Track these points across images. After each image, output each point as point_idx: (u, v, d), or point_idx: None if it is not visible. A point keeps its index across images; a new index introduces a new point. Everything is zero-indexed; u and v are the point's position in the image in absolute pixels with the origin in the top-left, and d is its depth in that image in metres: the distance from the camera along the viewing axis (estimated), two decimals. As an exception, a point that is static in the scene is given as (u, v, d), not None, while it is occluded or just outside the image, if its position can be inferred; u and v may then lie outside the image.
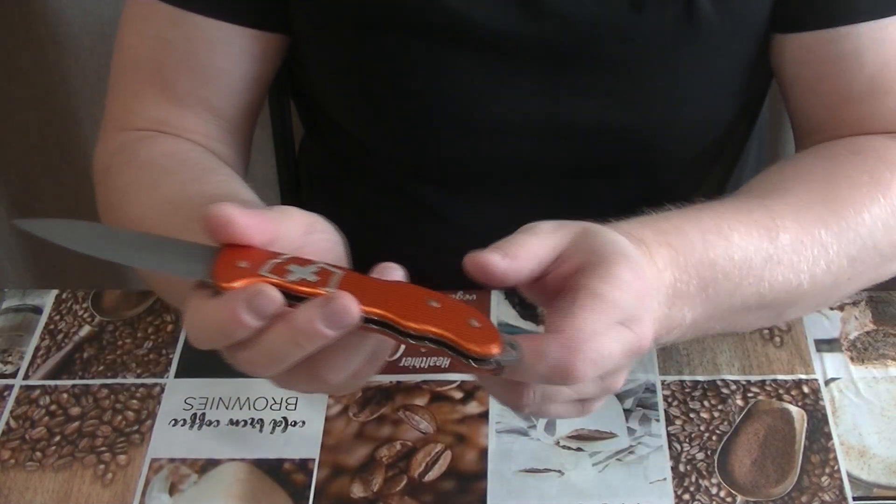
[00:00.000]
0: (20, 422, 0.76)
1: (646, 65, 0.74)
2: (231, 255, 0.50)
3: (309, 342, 0.48)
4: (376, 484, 0.71)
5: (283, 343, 0.48)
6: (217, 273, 0.50)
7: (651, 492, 0.70)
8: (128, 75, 0.79)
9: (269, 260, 0.50)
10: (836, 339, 0.80)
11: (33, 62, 1.38)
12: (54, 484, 0.72)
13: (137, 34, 0.78)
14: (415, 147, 0.82)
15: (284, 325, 0.48)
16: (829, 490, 0.70)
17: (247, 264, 0.50)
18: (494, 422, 0.75)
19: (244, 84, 0.79)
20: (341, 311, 0.47)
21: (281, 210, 0.54)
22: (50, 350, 0.81)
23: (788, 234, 0.63)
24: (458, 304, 0.50)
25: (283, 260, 0.50)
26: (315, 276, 0.50)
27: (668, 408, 0.75)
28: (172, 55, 0.77)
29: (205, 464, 0.73)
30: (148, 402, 0.77)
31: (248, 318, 0.48)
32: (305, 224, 0.54)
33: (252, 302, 0.47)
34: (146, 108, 0.78)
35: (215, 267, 0.50)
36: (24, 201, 1.55)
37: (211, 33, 0.76)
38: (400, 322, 0.49)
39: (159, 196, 0.69)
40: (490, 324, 0.50)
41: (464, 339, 0.49)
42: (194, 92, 0.78)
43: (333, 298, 0.47)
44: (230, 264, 0.50)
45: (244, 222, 0.50)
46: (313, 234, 0.54)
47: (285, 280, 0.49)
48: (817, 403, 0.75)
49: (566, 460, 0.72)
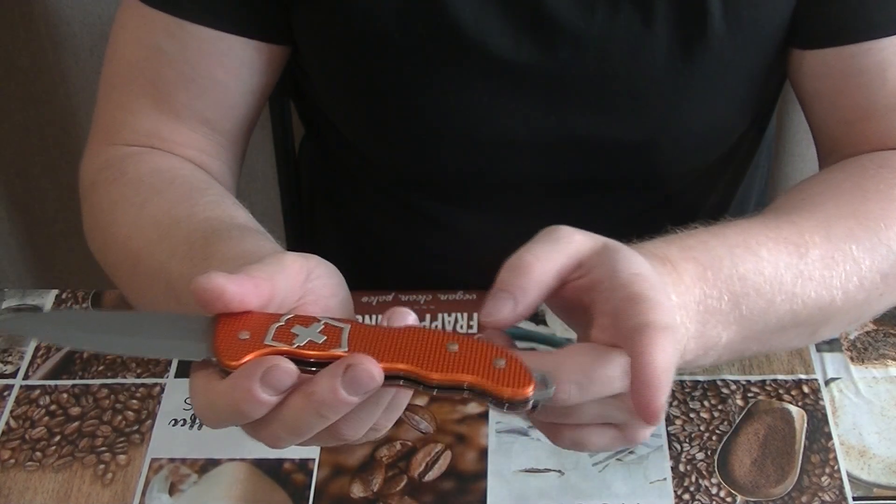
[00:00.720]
0: (20, 422, 0.76)
1: (655, 81, 0.74)
2: (230, 326, 0.48)
3: (333, 412, 0.46)
4: (376, 484, 0.71)
5: (305, 416, 0.46)
6: (220, 350, 0.47)
7: (651, 492, 0.70)
8: (120, 86, 0.76)
9: (270, 325, 0.48)
10: (836, 339, 0.80)
11: (33, 62, 1.38)
12: (54, 484, 0.72)
13: (131, 43, 0.75)
14: (417, 160, 0.80)
15: (304, 398, 0.46)
16: (829, 490, 0.70)
17: (249, 335, 0.48)
18: (494, 422, 0.75)
19: (242, 97, 0.77)
20: (364, 377, 0.45)
21: (275, 262, 0.51)
22: (50, 350, 0.81)
23: (818, 250, 0.61)
24: (478, 344, 0.48)
25: (285, 322, 0.48)
26: (322, 335, 0.48)
27: (668, 408, 0.75)
28: (168, 66, 0.74)
29: (205, 464, 0.73)
30: (148, 402, 0.77)
31: (265, 396, 0.46)
32: (303, 272, 0.52)
33: (267, 378, 0.45)
34: (138, 121, 0.75)
35: (217, 343, 0.48)
36: (24, 201, 1.54)
37: (210, 44, 0.73)
38: (424, 375, 0.47)
39: (146, 216, 0.67)
40: (517, 360, 0.48)
41: (495, 385, 0.47)
42: (190, 104, 0.75)
43: (354, 364, 0.45)
44: (231, 337, 0.48)
45: (236, 290, 0.48)
46: (312, 280, 0.52)
47: (293, 347, 0.47)
48: (817, 403, 0.75)
49: (566, 460, 0.72)
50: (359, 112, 0.79)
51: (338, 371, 0.45)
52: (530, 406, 0.47)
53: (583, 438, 0.52)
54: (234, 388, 0.46)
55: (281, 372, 0.45)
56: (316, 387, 0.46)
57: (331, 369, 0.46)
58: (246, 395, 0.46)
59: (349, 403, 0.46)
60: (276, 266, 0.51)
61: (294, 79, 0.89)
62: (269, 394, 0.46)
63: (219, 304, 0.48)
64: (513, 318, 0.51)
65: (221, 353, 0.47)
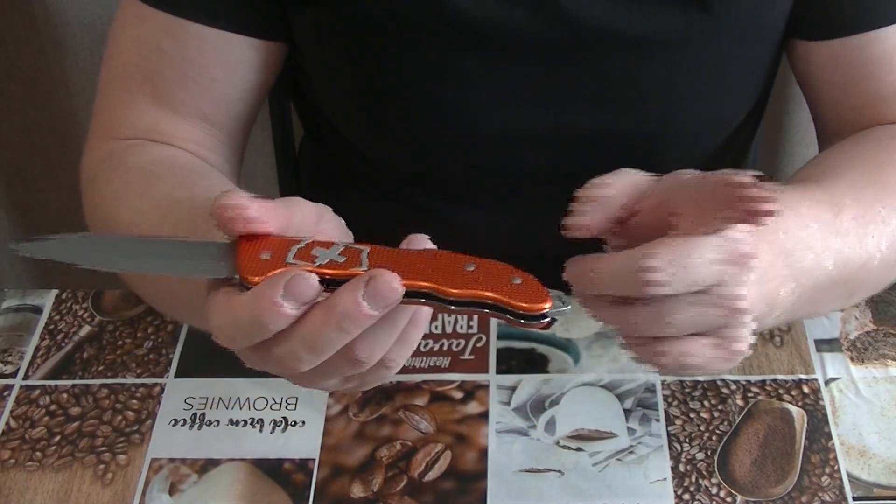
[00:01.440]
0: (20, 422, 0.76)
1: (653, 69, 0.74)
2: (251, 248, 0.48)
3: (354, 325, 0.46)
4: (376, 484, 0.71)
5: (325, 330, 0.46)
6: (242, 268, 0.48)
7: (651, 492, 0.70)
8: (119, 83, 0.77)
9: (291, 247, 0.48)
10: (836, 339, 0.80)
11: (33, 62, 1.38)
12: (54, 484, 0.72)
13: (130, 41, 0.76)
14: (418, 157, 0.81)
15: (325, 311, 0.46)
16: (829, 490, 0.70)
17: (270, 255, 0.48)
18: (494, 422, 0.75)
19: (240, 94, 0.77)
20: (385, 289, 0.46)
21: (289, 200, 0.52)
22: (50, 350, 0.81)
23: (851, 211, 0.62)
24: (495, 264, 0.49)
25: (304, 245, 0.49)
26: (342, 255, 0.48)
27: (668, 408, 0.75)
28: (167, 64, 0.75)
29: (205, 464, 0.73)
30: (148, 402, 0.77)
31: (287, 307, 0.46)
32: (315, 213, 0.53)
33: (290, 289, 0.46)
34: (137, 117, 0.76)
35: (239, 262, 0.48)
36: (24, 201, 1.54)
37: (208, 42, 0.74)
38: (443, 290, 0.47)
39: (149, 201, 0.67)
40: (533, 279, 0.49)
41: (513, 299, 0.48)
42: (188, 101, 0.76)
43: (375, 276, 0.46)
44: (253, 257, 0.48)
45: (257, 211, 0.48)
46: (323, 222, 0.53)
47: (314, 265, 0.48)
48: (817, 403, 0.75)
49: (566, 460, 0.72)
50: (358, 110, 0.79)
51: (360, 283, 0.46)
52: (547, 321, 0.48)
53: (683, 353, 0.51)
54: (256, 299, 0.46)
55: (304, 283, 0.46)
56: (338, 299, 0.46)
57: (353, 282, 0.46)
58: (268, 306, 0.46)
59: (370, 316, 0.46)
60: (291, 201, 0.52)
61: (293, 78, 0.89)
62: (290, 305, 0.46)
63: (240, 223, 0.48)
64: (598, 225, 0.52)
65: (244, 271, 0.47)
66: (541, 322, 0.49)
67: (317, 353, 0.48)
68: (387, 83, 0.75)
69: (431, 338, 0.80)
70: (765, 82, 0.81)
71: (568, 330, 0.81)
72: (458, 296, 0.48)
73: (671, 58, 0.73)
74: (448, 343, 0.80)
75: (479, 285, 0.48)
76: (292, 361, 0.48)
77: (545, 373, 0.78)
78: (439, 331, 0.81)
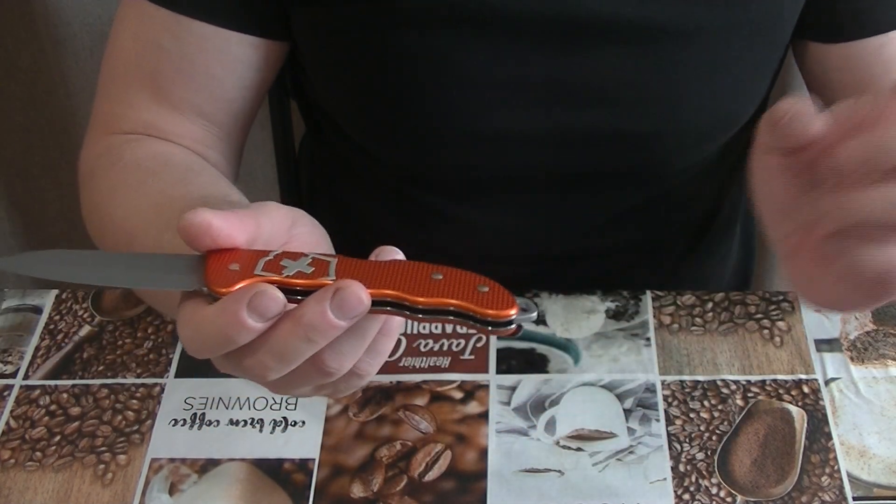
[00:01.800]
0: (20, 422, 0.76)
1: (657, 66, 0.74)
2: (220, 260, 0.49)
3: (321, 336, 0.47)
4: (376, 484, 0.71)
5: (292, 341, 0.47)
6: (210, 279, 0.48)
7: (651, 492, 0.70)
8: (119, 79, 0.77)
9: (260, 259, 0.49)
10: (836, 339, 0.80)
11: (33, 62, 1.38)
12: (54, 484, 0.72)
13: (130, 37, 0.76)
14: (419, 155, 0.81)
15: (292, 322, 0.47)
16: (829, 490, 0.70)
17: (238, 266, 0.49)
18: (494, 422, 0.75)
19: (240, 92, 0.77)
20: (353, 299, 0.46)
21: (259, 206, 0.52)
22: (50, 350, 0.81)
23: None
24: (461, 273, 0.49)
25: (273, 257, 0.49)
26: (310, 266, 0.49)
27: (668, 408, 0.75)
28: (167, 61, 0.75)
29: (205, 464, 0.73)
30: (148, 402, 0.77)
31: (251, 321, 0.46)
32: (287, 218, 0.53)
33: (254, 303, 0.46)
34: (136, 112, 0.76)
35: (207, 274, 0.49)
36: (24, 201, 1.54)
37: (208, 40, 0.74)
38: (410, 299, 0.48)
39: (143, 197, 0.67)
40: (499, 287, 0.49)
41: (479, 306, 0.48)
42: (187, 98, 0.76)
43: (342, 287, 0.46)
44: (222, 269, 0.49)
45: (223, 225, 0.48)
46: (296, 227, 0.53)
47: (282, 276, 0.48)
48: (817, 403, 0.75)
49: (566, 460, 0.72)
50: (359, 110, 0.79)
51: (326, 294, 0.46)
52: (514, 327, 0.49)
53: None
54: (221, 313, 0.47)
55: (268, 298, 0.46)
56: (305, 309, 0.46)
57: (320, 293, 0.46)
58: (232, 320, 0.46)
59: (337, 327, 0.46)
60: (261, 209, 0.52)
61: (295, 76, 0.89)
62: (255, 319, 0.46)
63: (206, 238, 0.48)
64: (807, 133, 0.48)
65: (212, 282, 0.48)
66: (507, 329, 0.49)
67: (285, 363, 0.48)
68: (387, 83, 0.75)
69: (431, 338, 0.80)
70: (770, 83, 0.81)
71: (568, 330, 0.81)
72: (424, 304, 0.48)
73: (676, 55, 0.73)
74: (448, 343, 0.80)
75: (445, 293, 0.48)
76: (261, 370, 0.49)
77: (545, 373, 0.78)
78: (439, 331, 0.81)
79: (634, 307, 0.82)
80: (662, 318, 0.81)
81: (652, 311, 0.82)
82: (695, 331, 0.81)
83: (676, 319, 0.81)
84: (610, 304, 0.83)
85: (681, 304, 0.83)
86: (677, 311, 0.82)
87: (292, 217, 0.53)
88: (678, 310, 0.82)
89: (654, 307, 0.82)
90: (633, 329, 0.81)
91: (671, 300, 0.83)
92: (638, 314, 0.82)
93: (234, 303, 0.46)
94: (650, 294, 0.83)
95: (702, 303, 0.83)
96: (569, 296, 0.83)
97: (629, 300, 0.83)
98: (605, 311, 0.82)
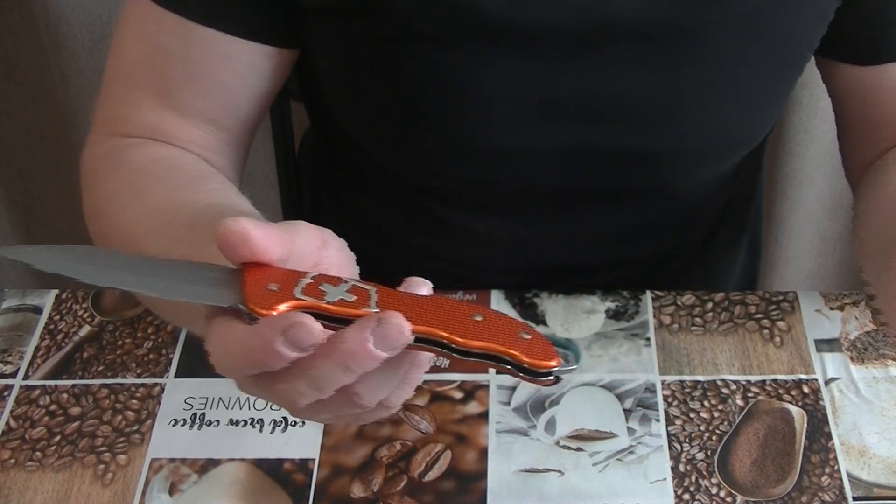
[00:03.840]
0: (20, 422, 0.76)
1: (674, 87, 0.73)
2: (258, 277, 0.47)
3: (359, 366, 0.46)
4: (376, 484, 0.71)
5: (330, 368, 0.46)
6: (249, 298, 0.47)
7: (651, 492, 0.70)
8: (123, 81, 0.76)
9: (298, 280, 0.48)
10: (836, 339, 0.80)
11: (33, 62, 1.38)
12: (54, 484, 0.72)
13: (136, 39, 0.75)
14: (430, 169, 0.79)
15: (331, 350, 0.45)
16: (829, 490, 0.70)
17: (277, 287, 0.47)
18: (494, 422, 0.75)
19: (248, 99, 0.76)
20: (395, 332, 0.45)
21: (292, 225, 0.51)
22: (50, 350, 0.81)
23: None
24: (502, 317, 0.49)
25: (312, 279, 0.48)
26: (350, 294, 0.47)
27: (668, 408, 0.75)
28: (174, 65, 0.73)
29: (205, 464, 0.73)
30: (148, 402, 0.77)
31: (286, 351, 0.45)
32: (319, 239, 0.51)
33: (291, 334, 0.44)
34: (141, 115, 0.75)
35: (246, 291, 0.47)
36: (25, 201, 1.54)
37: (217, 47, 0.72)
38: (454, 340, 0.47)
39: (148, 203, 0.67)
40: (539, 335, 0.48)
41: (522, 354, 0.47)
42: (194, 103, 0.74)
43: (385, 318, 0.45)
44: (260, 287, 0.47)
45: (261, 237, 0.47)
46: (327, 249, 0.52)
47: (323, 302, 0.47)
48: (817, 403, 0.75)
49: (566, 460, 0.72)
50: (371, 123, 0.78)
51: (368, 324, 0.45)
52: (553, 378, 0.48)
53: None
54: (255, 337, 0.45)
55: (305, 331, 0.45)
56: (345, 337, 0.45)
57: (362, 322, 0.45)
58: (266, 346, 0.45)
59: (376, 358, 0.45)
60: (295, 228, 0.50)
61: (303, 82, 0.88)
62: (289, 349, 0.45)
63: (243, 248, 0.47)
64: None
65: (252, 302, 0.47)
66: (546, 379, 0.48)
67: (318, 391, 0.47)
68: (401, 98, 0.74)
69: (431, 338, 0.80)
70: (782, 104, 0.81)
71: (568, 330, 0.81)
72: (464, 345, 0.47)
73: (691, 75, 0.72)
74: (448, 343, 0.80)
75: (486, 336, 0.48)
76: (293, 396, 0.47)
77: (545, 373, 0.78)
78: (439, 331, 0.81)
79: (634, 307, 0.82)
80: (662, 318, 0.81)
81: (652, 311, 0.82)
82: (695, 331, 0.81)
83: (676, 319, 0.81)
84: (610, 304, 0.83)
85: (681, 304, 0.83)
86: (677, 311, 0.82)
87: (322, 238, 0.52)
88: (678, 310, 0.82)
89: (654, 307, 0.82)
90: (633, 329, 0.81)
91: (671, 300, 0.83)
92: (638, 314, 0.82)
93: (270, 329, 0.45)
94: (650, 294, 0.83)
95: (702, 303, 0.83)
96: (569, 296, 0.83)
97: (629, 300, 0.83)
98: (605, 311, 0.82)
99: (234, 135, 0.78)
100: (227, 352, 0.47)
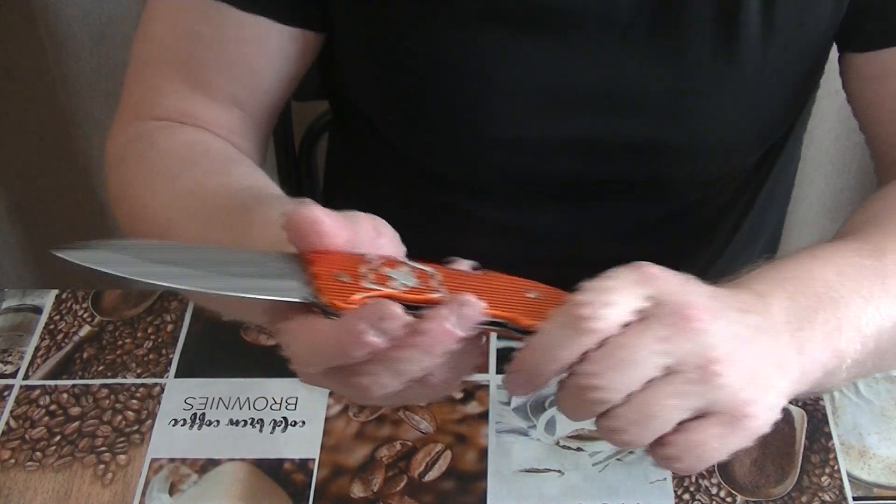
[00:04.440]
0: (20, 422, 0.76)
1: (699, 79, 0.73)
2: (325, 267, 0.47)
3: (444, 349, 0.46)
4: (376, 484, 0.71)
5: (414, 356, 0.46)
6: (324, 292, 0.46)
7: (651, 492, 0.70)
8: (152, 66, 0.76)
9: (359, 265, 0.47)
10: (836, 339, 0.80)
11: (33, 62, 1.38)
12: (54, 484, 0.72)
13: (165, 24, 0.75)
14: (453, 158, 0.80)
15: (417, 337, 0.46)
16: (829, 490, 0.70)
17: (347, 277, 0.47)
18: (494, 422, 0.75)
19: (275, 83, 0.77)
20: (473, 312, 0.46)
21: (350, 215, 0.50)
22: (50, 350, 0.81)
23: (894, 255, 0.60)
24: (558, 293, 0.49)
25: (376, 265, 0.48)
26: (415, 279, 0.48)
27: (668, 408, 0.75)
28: (204, 48, 0.74)
29: (205, 464, 0.73)
30: (148, 402, 0.77)
31: (376, 339, 0.45)
32: (374, 226, 0.51)
33: (381, 323, 0.45)
34: (169, 99, 0.75)
35: (318, 284, 0.47)
36: (25, 201, 1.55)
37: (246, 30, 0.73)
38: (515, 321, 0.48)
39: (180, 188, 0.67)
40: None
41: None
42: (223, 86, 0.75)
43: (462, 300, 0.46)
44: (329, 278, 0.47)
45: (331, 223, 0.47)
46: (382, 237, 0.51)
47: (394, 290, 0.47)
48: (817, 403, 0.75)
49: (566, 460, 0.72)
50: (395, 111, 0.78)
51: (451, 309, 0.46)
52: None
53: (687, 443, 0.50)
54: (341, 330, 0.46)
55: (395, 319, 0.45)
56: (430, 323, 0.46)
57: (442, 307, 0.46)
58: (355, 338, 0.45)
59: (458, 340, 0.46)
60: (353, 217, 0.50)
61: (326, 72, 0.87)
62: (379, 337, 0.45)
63: (313, 236, 0.47)
64: None
65: (326, 295, 0.46)
66: None
67: (400, 378, 0.47)
68: (426, 86, 0.75)
69: (431, 338, 0.80)
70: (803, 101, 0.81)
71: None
72: (530, 326, 0.48)
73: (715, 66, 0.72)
74: (448, 343, 0.80)
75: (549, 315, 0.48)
76: (374, 386, 0.48)
77: (545, 373, 0.78)
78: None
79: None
80: (662, 318, 0.81)
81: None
82: (695, 331, 0.80)
83: (676, 319, 0.81)
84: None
85: (681, 304, 0.82)
86: (677, 311, 0.82)
87: (376, 225, 0.52)
88: (678, 310, 0.82)
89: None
90: (633, 329, 0.80)
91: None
92: (638, 314, 0.82)
93: (358, 322, 0.45)
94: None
95: (702, 303, 0.83)
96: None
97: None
98: (605, 311, 0.82)
99: (259, 119, 0.78)
100: (313, 348, 0.47)
